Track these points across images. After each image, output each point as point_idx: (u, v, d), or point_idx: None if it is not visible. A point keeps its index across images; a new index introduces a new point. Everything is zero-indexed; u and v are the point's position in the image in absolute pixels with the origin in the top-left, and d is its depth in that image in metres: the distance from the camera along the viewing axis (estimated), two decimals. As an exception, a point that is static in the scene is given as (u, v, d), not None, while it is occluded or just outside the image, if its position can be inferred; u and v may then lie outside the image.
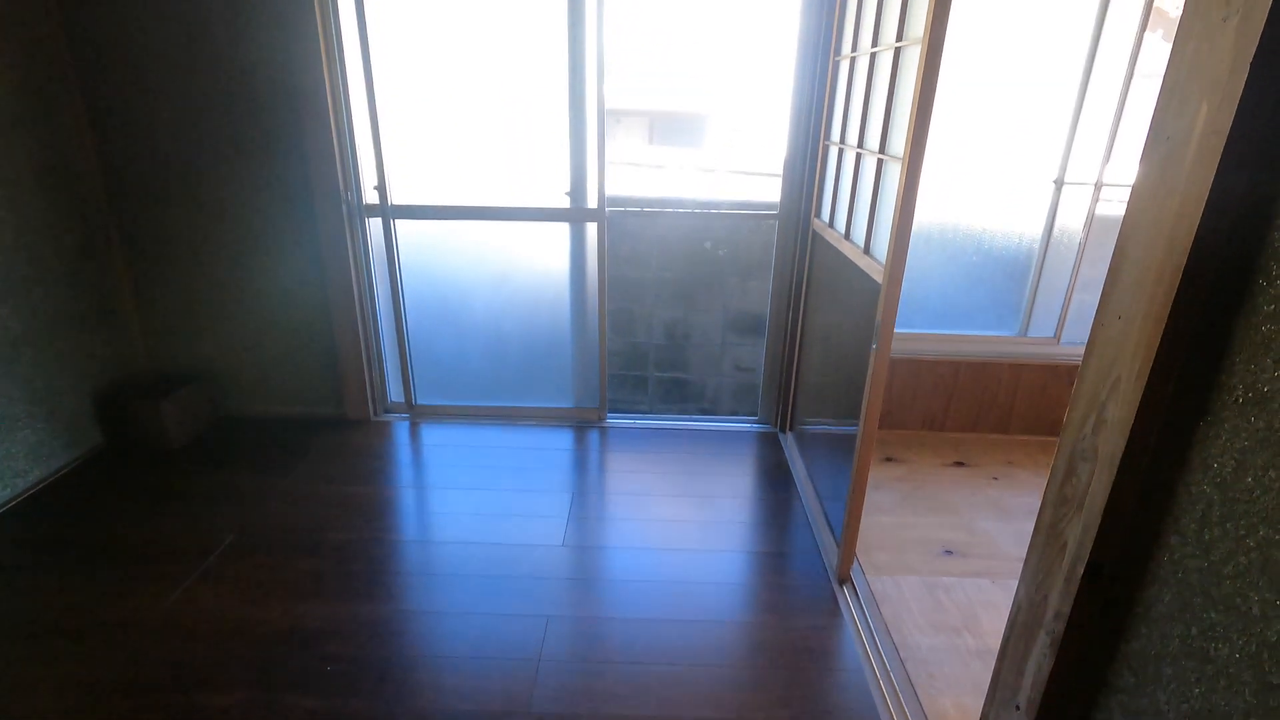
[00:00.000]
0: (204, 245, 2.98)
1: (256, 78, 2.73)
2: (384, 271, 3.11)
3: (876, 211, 2.06)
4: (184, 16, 2.66)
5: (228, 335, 3.13)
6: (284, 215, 2.92)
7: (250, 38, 2.68)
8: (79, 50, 2.70)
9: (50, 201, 2.66)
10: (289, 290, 3.04)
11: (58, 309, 2.71)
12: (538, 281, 3.17)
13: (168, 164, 2.86)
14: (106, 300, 2.95)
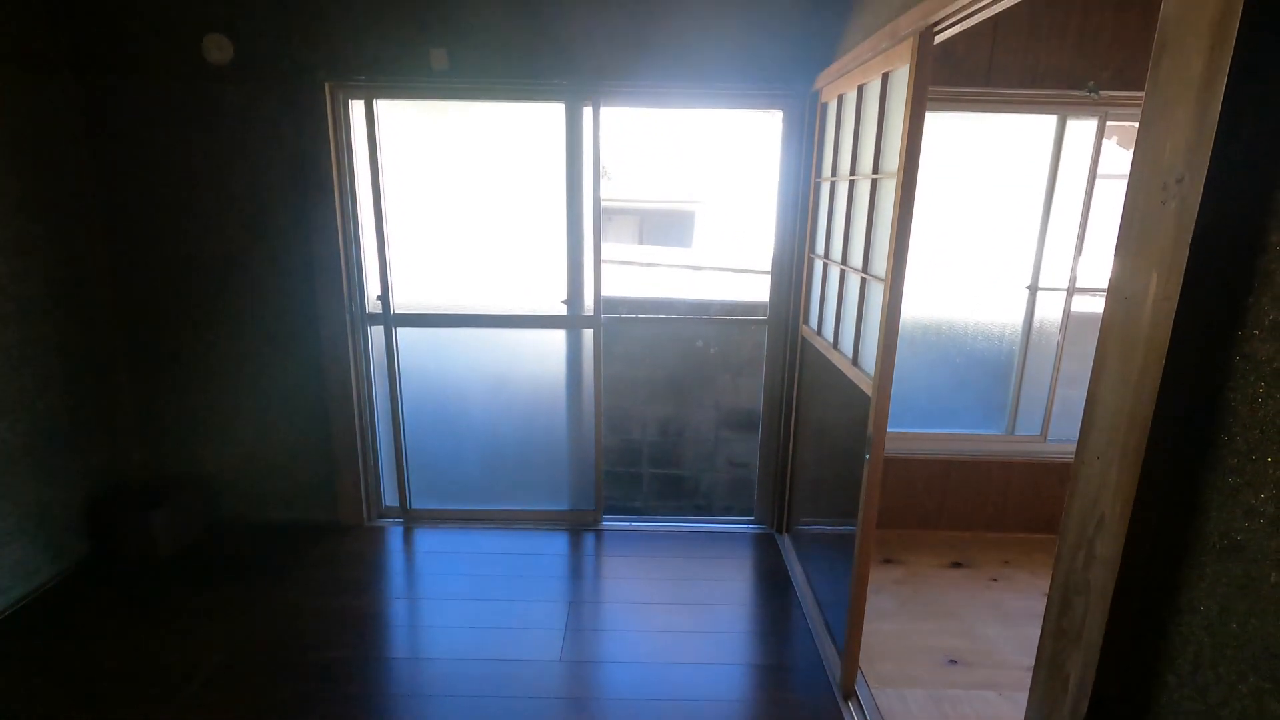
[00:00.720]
0: (208, 356, 3.04)
1: (268, 197, 2.87)
2: (383, 377, 3.17)
3: (863, 326, 2.16)
4: (201, 144, 2.82)
5: (225, 442, 3.13)
6: (288, 326, 3.00)
7: (265, 160, 2.84)
8: (101, 175, 2.85)
9: (61, 317, 2.73)
10: (289, 397, 3.08)
11: (57, 421, 2.73)
12: (534, 385, 3.23)
13: (177, 280, 2.96)
14: (106, 411, 2.97)
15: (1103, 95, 2.79)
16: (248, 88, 2.78)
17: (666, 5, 2.73)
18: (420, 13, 2.71)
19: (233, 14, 2.71)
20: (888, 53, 1.94)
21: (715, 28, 2.75)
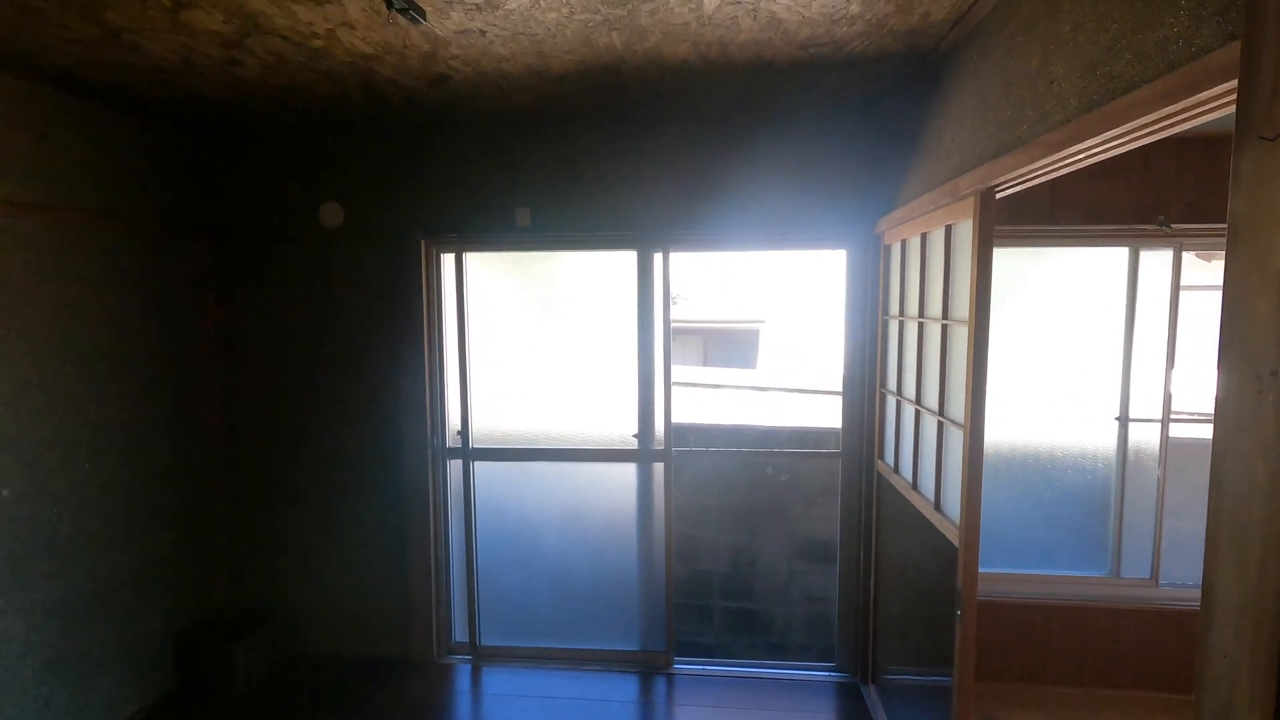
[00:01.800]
0: (299, 491, 3.20)
1: (366, 341, 3.12)
2: (459, 510, 3.25)
3: (943, 470, 2.11)
4: (311, 295, 3.13)
5: (307, 575, 3.23)
6: (373, 463, 3.16)
7: (366, 308, 3.11)
8: (222, 326, 3.18)
9: (175, 450, 2.97)
10: (369, 531, 3.18)
11: (161, 553, 2.89)
12: (605, 518, 3.23)
13: (279, 420, 3.19)
14: (203, 545, 3.13)
15: (1175, 228, 2.77)
16: (354, 246, 3.10)
17: (730, 165, 2.95)
18: (507, 178, 3.01)
19: (345, 185, 3.08)
20: (949, 207, 2.02)
21: (778, 184, 2.93)
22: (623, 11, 1.86)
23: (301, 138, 3.08)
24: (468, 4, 1.81)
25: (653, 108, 2.73)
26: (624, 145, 2.98)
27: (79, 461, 2.53)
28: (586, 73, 2.33)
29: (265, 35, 2.00)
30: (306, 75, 2.32)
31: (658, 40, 2.06)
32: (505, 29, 1.97)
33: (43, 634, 2.40)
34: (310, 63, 2.21)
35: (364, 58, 2.18)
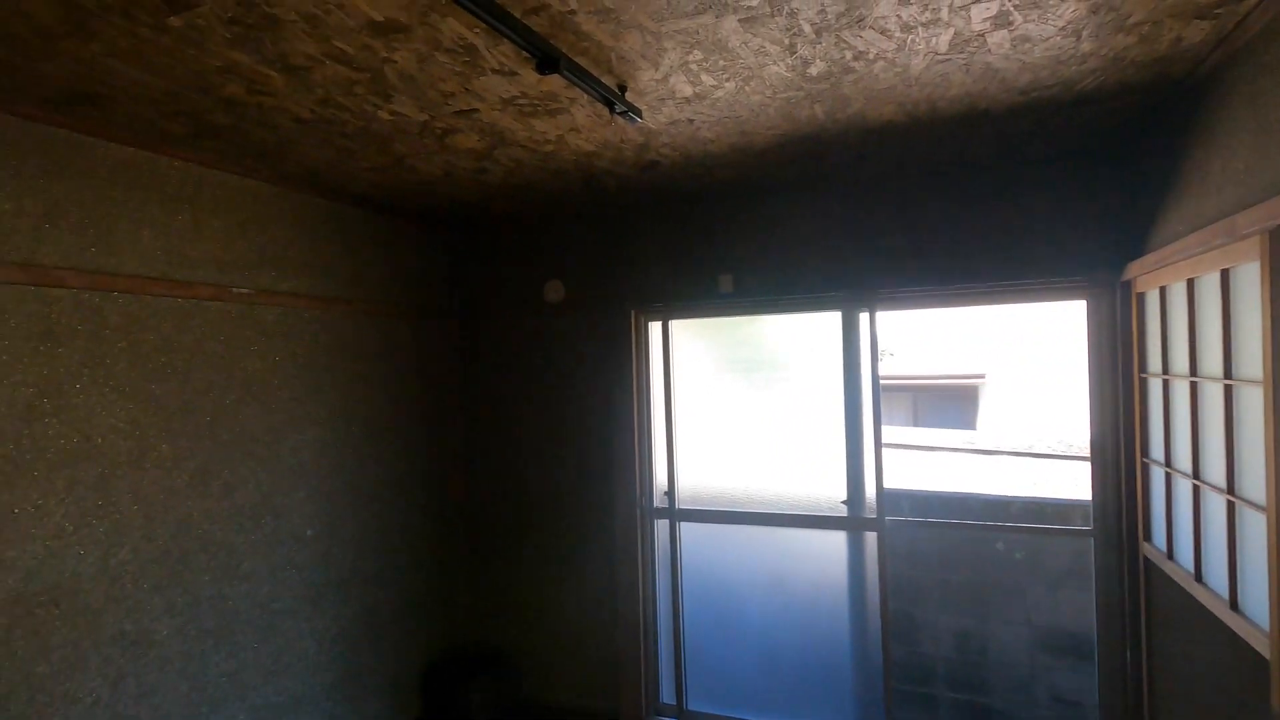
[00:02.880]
0: (522, 544, 3.51)
1: (581, 405, 3.39)
2: (666, 570, 3.32)
3: (1239, 560, 1.75)
4: (535, 362, 3.48)
5: (528, 622, 3.49)
6: (587, 520, 3.37)
7: (581, 374, 3.39)
8: (465, 389, 3.65)
9: (428, 502, 3.42)
10: (583, 585, 3.37)
11: (418, 594, 3.31)
12: (813, 587, 3.10)
13: (507, 478, 3.55)
14: (447, 588, 3.54)
15: None
16: (572, 318, 3.42)
17: (942, 219, 2.80)
18: (710, 247, 3.15)
19: (565, 264, 3.43)
20: (1225, 248, 1.73)
21: (998, 235, 2.72)
22: (825, 85, 1.91)
23: (529, 226, 3.50)
24: (678, 98, 1.97)
25: (854, 169, 2.71)
26: (824, 207, 2.97)
27: (361, 508, 3.02)
28: (787, 144, 2.39)
29: (508, 146, 2.34)
30: (538, 174, 2.67)
31: (861, 106, 2.06)
32: (711, 115, 2.11)
33: (330, 656, 2.85)
34: (542, 164, 2.54)
35: (586, 154, 2.45)
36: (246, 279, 2.56)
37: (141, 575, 2.19)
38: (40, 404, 1.95)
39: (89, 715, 2.04)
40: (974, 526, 3.59)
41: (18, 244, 1.92)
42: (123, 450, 2.15)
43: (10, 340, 1.89)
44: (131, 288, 2.17)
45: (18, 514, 1.90)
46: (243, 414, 2.53)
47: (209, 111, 1.97)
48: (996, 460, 5.52)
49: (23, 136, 1.93)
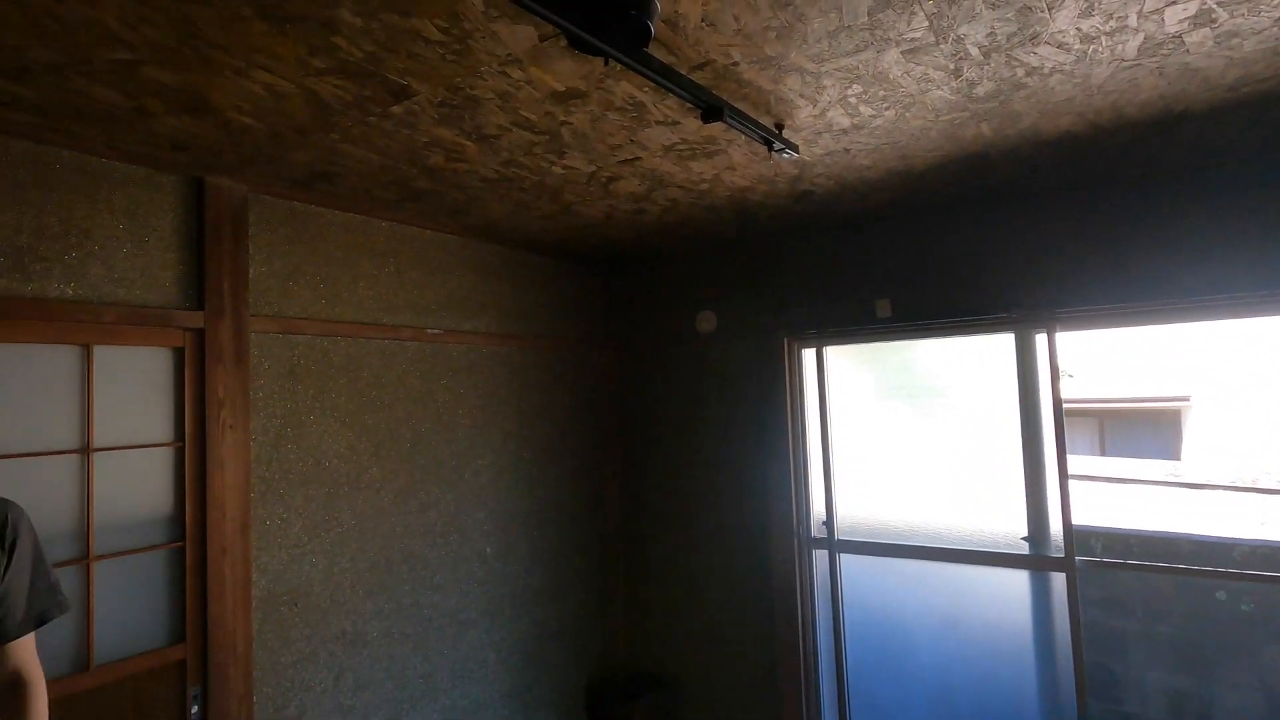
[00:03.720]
0: (679, 568, 3.58)
1: (734, 432, 3.42)
2: (826, 601, 3.24)
3: None
4: (688, 391, 3.58)
5: (685, 646, 3.54)
6: (742, 547, 3.37)
7: (734, 402, 3.43)
8: (620, 416, 3.82)
9: (589, 524, 3.60)
10: (740, 612, 3.37)
11: (580, 611, 3.49)
12: (991, 629, 2.88)
13: (663, 502, 3.65)
14: (606, 605, 3.68)
15: None
16: (725, 347, 3.48)
17: (1131, 229, 2.56)
18: (865, 272, 3.09)
19: (716, 294, 3.51)
20: None
21: (1197, 243, 2.44)
22: (993, 104, 1.84)
23: (681, 259, 3.63)
24: (834, 130, 2.00)
25: (1024, 183, 2.56)
26: (990, 225, 2.82)
27: (531, 530, 3.25)
28: (950, 164, 2.32)
29: (666, 188, 2.47)
30: (692, 211, 2.78)
31: (1034, 120, 1.97)
32: (869, 143, 2.10)
33: (505, 667, 3.07)
34: (696, 201, 2.64)
35: (739, 190, 2.52)
36: (437, 321, 2.88)
37: (357, 582, 2.51)
38: (285, 432, 2.33)
39: (318, 702, 2.36)
40: (1188, 571, 3.16)
41: (270, 300, 2.31)
42: (343, 472, 2.49)
43: (266, 379, 2.28)
44: (350, 332, 2.53)
45: (269, 525, 2.27)
46: (434, 441, 2.83)
47: (414, 179, 2.27)
48: (1207, 495, 4.81)
49: (274, 211, 2.34)
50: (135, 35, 1.35)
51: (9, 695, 1.22)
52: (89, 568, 1.86)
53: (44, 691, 1.27)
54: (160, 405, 2.05)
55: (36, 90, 1.56)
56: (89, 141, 1.87)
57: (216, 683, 2.06)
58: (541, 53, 1.49)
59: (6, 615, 1.21)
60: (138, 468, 1.99)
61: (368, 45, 1.43)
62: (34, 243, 1.80)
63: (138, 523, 1.98)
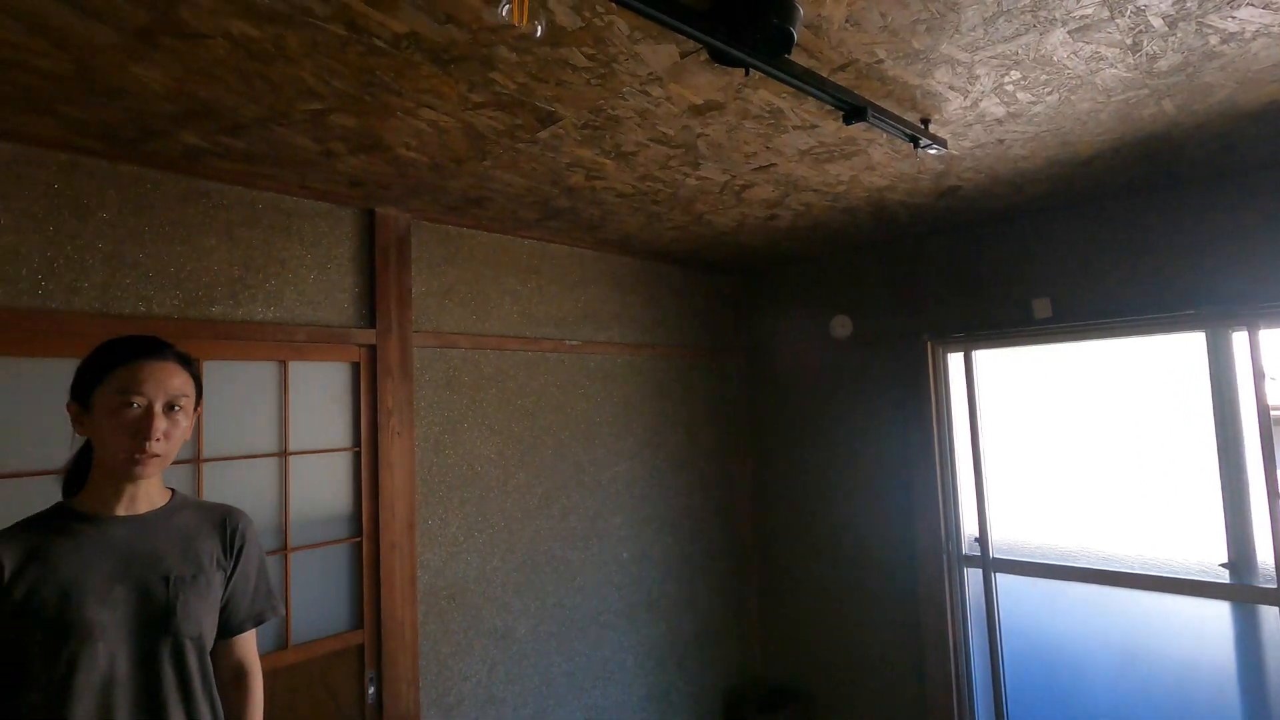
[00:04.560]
0: (815, 580, 3.48)
1: (873, 441, 3.28)
2: (980, 624, 3.01)
3: None
4: (823, 397, 3.47)
5: (824, 660, 3.43)
6: (885, 561, 3.22)
7: (872, 409, 3.29)
8: (753, 424, 3.78)
9: (721, 533, 3.59)
10: (883, 629, 3.21)
11: (713, 619, 3.48)
12: (1184, 667, 2.55)
13: (797, 513, 3.56)
14: (741, 614, 3.65)
15: None
16: (861, 353, 3.35)
17: (1359, 202, 2.20)
18: (1019, 270, 2.87)
19: (851, 298, 3.39)
20: None
21: None
22: (1178, 78, 1.65)
23: (813, 264, 3.54)
24: (987, 121, 1.87)
25: (1215, 163, 2.27)
26: (1172, 211, 2.53)
27: (665, 536, 3.29)
28: (1123, 147, 2.10)
29: (800, 192, 2.43)
30: (827, 214, 2.71)
31: (1230, 92, 1.74)
32: (1026, 131, 1.95)
33: (642, 671, 3.12)
34: (832, 204, 2.58)
35: (878, 189, 2.43)
36: (576, 332, 3.00)
37: (507, 581, 2.65)
38: (443, 439, 2.52)
39: (474, 692, 2.52)
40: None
41: (430, 316, 2.52)
42: (493, 477, 2.66)
43: (427, 390, 2.48)
44: (498, 345, 2.70)
45: (430, 524, 2.46)
46: (574, 448, 2.95)
47: (555, 198, 2.39)
48: None
49: (432, 235, 2.55)
50: (326, 87, 1.53)
51: (234, 683, 1.40)
52: (287, 558, 2.10)
53: (261, 681, 1.45)
54: (340, 414, 2.29)
55: (247, 142, 1.81)
56: (284, 183, 2.13)
57: (389, 667, 2.26)
58: (682, 69, 1.52)
59: (231, 614, 1.39)
60: (323, 470, 2.23)
61: (521, 77, 1.53)
62: (244, 274, 2.08)
63: (324, 519, 2.22)
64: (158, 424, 1.24)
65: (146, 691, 1.22)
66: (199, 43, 1.33)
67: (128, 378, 1.24)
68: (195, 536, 1.34)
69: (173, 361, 1.30)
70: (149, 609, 1.24)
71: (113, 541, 1.25)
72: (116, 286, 1.85)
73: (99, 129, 1.70)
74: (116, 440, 1.23)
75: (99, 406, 1.24)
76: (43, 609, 1.15)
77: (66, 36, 1.29)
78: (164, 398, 1.26)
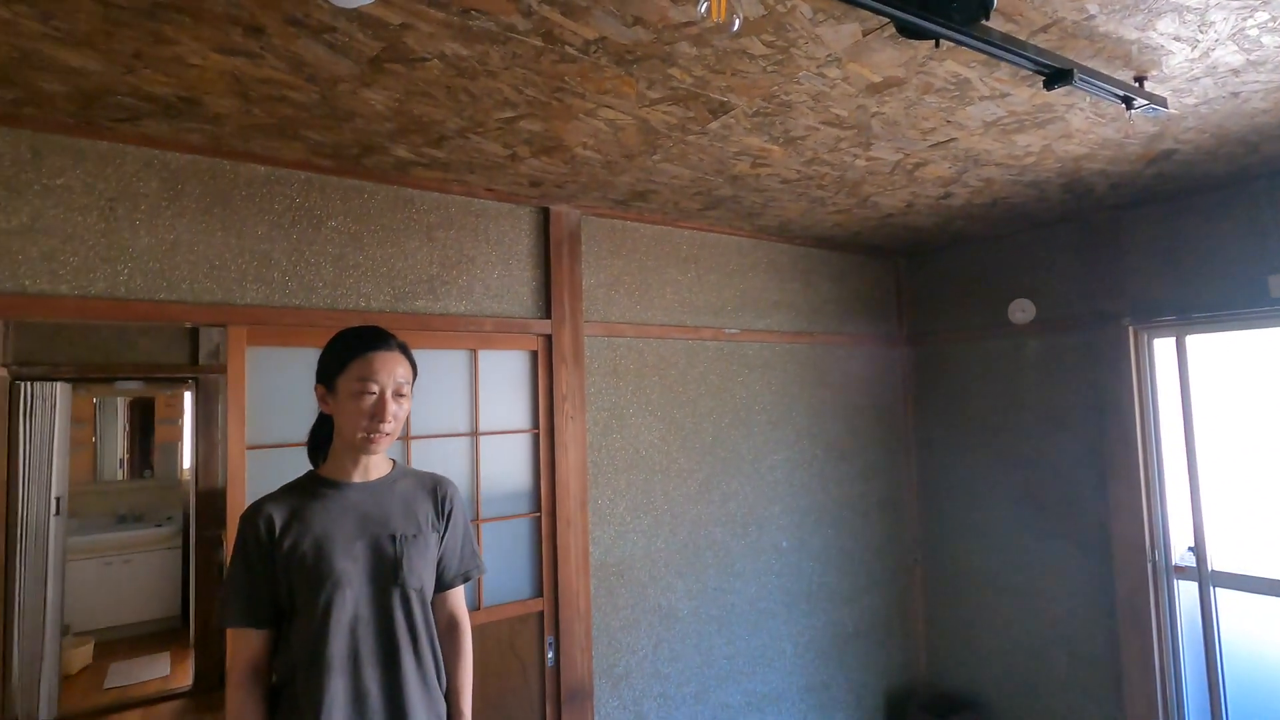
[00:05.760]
0: (991, 582, 3.25)
1: (1062, 437, 3.00)
2: (1195, 645, 2.67)
3: None
4: (999, 388, 3.22)
5: (1000, 671, 3.20)
6: (1073, 566, 2.94)
7: (1057, 402, 3.01)
8: (917, 415, 3.59)
9: (883, 527, 3.45)
10: (1072, 641, 2.94)
11: (875, 616, 3.37)
12: None
13: (968, 508, 3.34)
14: (904, 613, 3.49)
15: None
16: (1045, 339, 3.07)
17: None
18: (1249, 243, 2.49)
19: (1033, 280, 3.11)
20: None
21: None
22: None
23: (989, 244, 3.29)
24: (1219, 72, 1.65)
25: None
26: None
27: (824, 527, 3.23)
28: (1403, 90, 1.76)
29: (981, 167, 2.27)
30: (1010, 189, 2.51)
31: None
32: (1270, 81, 1.69)
33: (802, 661, 3.09)
34: (1016, 178, 2.38)
35: (1073, 159, 2.21)
36: (733, 320, 3.02)
37: (670, 562, 2.74)
38: (611, 423, 2.64)
39: (640, 665, 2.63)
40: None
41: (597, 307, 2.65)
42: (656, 461, 2.75)
43: (595, 377, 2.62)
44: (660, 334, 2.78)
45: (600, 503, 2.59)
46: (732, 436, 2.97)
47: (718, 187, 2.41)
48: None
49: (599, 229, 2.67)
50: (519, 96, 1.66)
51: (448, 633, 1.58)
52: (479, 529, 2.32)
53: (470, 632, 1.62)
54: (520, 398, 2.48)
55: (447, 151, 2.01)
56: (473, 187, 2.34)
57: (565, 635, 2.42)
58: (863, 47, 1.49)
59: (444, 571, 1.57)
60: (507, 450, 2.43)
61: (698, 70, 1.57)
62: (440, 272, 2.31)
63: (508, 495, 2.41)
64: (389, 408, 1.43)
65: (383, 632, 1.42)
66: (418, 65, 1.50)
67: (364, 368, 1.43)
68: (414, 501, 1.53)
69: (397, 352, 1.49)
70: (381, 562, 1.43)
71: (352, 504, 1.45)
72: (342, 285, 2.13)
73: (331, 149, 1.96)
74: (355, 421, 1.43)
75: (341, 391, 1.45)
76: (304, 559, 1.37)
77: (317, 71, 1.51)
78: (392, 385, 1.44)
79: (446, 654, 1.56)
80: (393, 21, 1.33)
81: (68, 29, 1.32)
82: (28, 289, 1.71)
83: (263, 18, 1.30)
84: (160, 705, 4.09)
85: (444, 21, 1.34)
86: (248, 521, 1.39)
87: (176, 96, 1.61)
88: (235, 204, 1.98)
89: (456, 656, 1.57)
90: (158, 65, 1.46)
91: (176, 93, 1.59)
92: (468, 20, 1.34)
